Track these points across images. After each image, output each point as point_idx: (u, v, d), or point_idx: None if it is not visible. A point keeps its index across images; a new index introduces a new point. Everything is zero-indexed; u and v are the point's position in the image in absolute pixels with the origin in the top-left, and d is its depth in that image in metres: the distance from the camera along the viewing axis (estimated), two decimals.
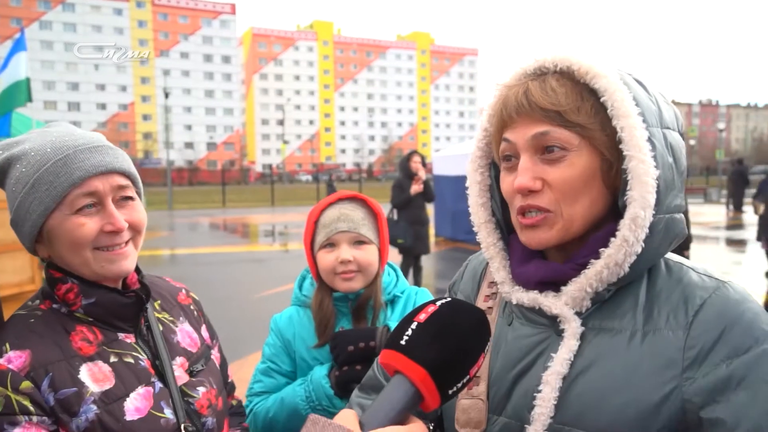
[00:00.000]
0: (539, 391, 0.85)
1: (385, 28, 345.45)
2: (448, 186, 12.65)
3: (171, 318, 1.27)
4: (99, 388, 1.04)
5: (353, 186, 45.48)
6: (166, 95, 34.38)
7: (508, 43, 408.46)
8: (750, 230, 13.65)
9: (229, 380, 1.42)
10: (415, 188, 7.14)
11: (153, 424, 1.08)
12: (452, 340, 0.71)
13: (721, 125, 44.09)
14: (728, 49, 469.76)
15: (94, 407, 1.02)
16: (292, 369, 1.64)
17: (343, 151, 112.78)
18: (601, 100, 0.83)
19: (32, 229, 1.07)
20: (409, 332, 0.72)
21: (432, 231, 12.88)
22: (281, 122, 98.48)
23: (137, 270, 1.21)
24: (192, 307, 1.36)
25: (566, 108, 0.83)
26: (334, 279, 1.59)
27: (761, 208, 8.26)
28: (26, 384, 0.99)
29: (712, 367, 0.78)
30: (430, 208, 7.75)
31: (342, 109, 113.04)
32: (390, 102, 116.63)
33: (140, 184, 1.17)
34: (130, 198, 1.13)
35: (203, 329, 1.35)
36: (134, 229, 1.13)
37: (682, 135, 0.92)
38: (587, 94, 0.85)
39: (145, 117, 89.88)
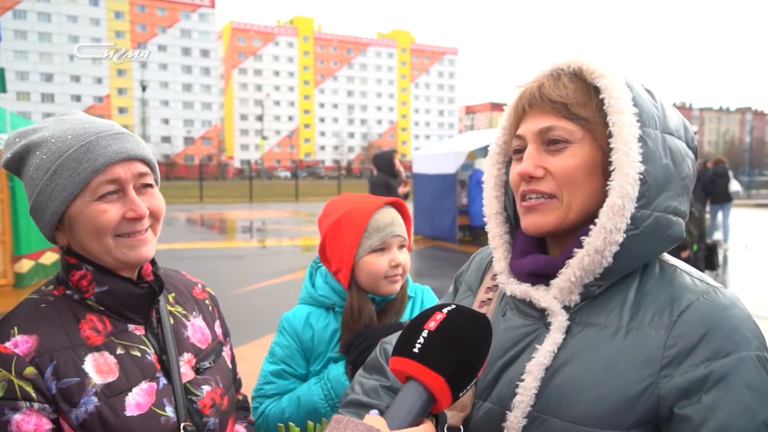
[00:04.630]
0: (522, 380, 0.89)
1: (365, 26, 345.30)
2: (427, 184, 12.72)
3: (184, 312, 1.24)
4: (102, 380, 1.02)
5: (333, 183, 45.38)
6: (144, 88, 33.90)
7: (488, 42, 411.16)
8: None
9: (237, 377, 1.40)
10: (403, 190, 7.27)
11: (152, 422, 1.05)
12: (464, 347, 0.75)
13: (695, 128, 45.00)
14: (702, 53, 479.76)
15: (94, 399, 1.00)
16: (305, 372, 1.62)
17: (323, 147, 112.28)
18: (600, 96, 0.88)
19: (53, 216, 1.05)
20: (421, 340, 0.75)
21: (411, 229, 12.92)
22: (260, 118, 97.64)
23: (152, 262, 1.19)
24: (207, 302, 1.33)
25: (573, 101, 0.89)
26: (382, 283, 1.58)
27: None
28: (30, 370, 0.97)
29: (691, 368, 0.80)
30: (409, 206, 7.83)
31: (322, 105, 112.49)
32: (370, 99, 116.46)
33: (158, 172, 1.17)
34: (150, 185, 1.12)
35: (217, 325, 1.32)
36: (154, 216, 1.12)
37: (693, 149, 0.95)
38: (595, 94, 0.90)
39: (122, 110, 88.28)
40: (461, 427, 0.95)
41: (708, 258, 6.86)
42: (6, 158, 1.09)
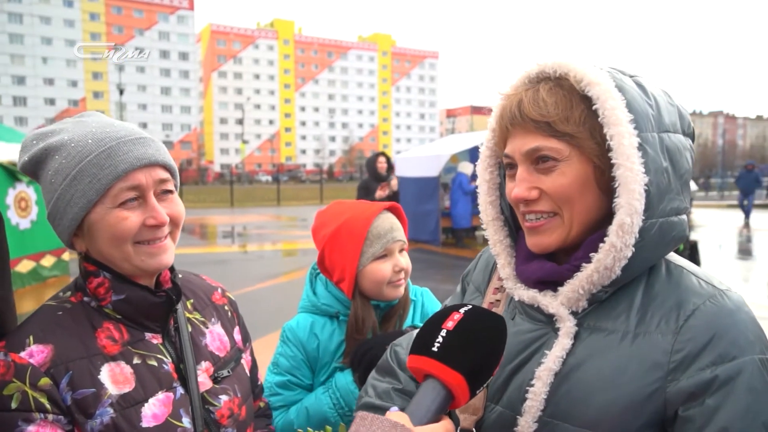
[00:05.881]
0: (532, 386, 0.89)
1: (346, 29, 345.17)
2: (409, 187, 12.72)
3: (202, 318, 1.23)
4: (118, 391, 1.00)
5: (314, 187, 45.24)
6: (121, 92, 33.43)
7: (468, 46, 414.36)
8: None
9: (259, 383, 1.38)
10: (380, 194, 7.28)
11: None
12: (482, 346, 0.77)
13: None
14: (674, 58, 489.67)
15: (110, 410, 0.99)
16: (311, 382, 1.62)
17: (304, 151, 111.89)
18: (593, 107, 0.85)
19: (72, 223, 1.03)
20: (440, 339, 0.76)
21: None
22: (240, 121, 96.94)
23: (171, 268, 1.17)
24: (227, 307, 1.31)
25: (555, 118, 0.87)
26: (385, 288, 1.59)
27: None
28: (45, 381, 0.95)
29: (697, 372, 0.81)
30: None
31: (303, 109, 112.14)
32: (351, 103, 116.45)
33: (178, 177, 1.14)
34: (170, 191, 1.10)
35: (236, 331, 1.30)
36: (173, 223, 1.10)
37: (690, 135, 0.93)
38: (578, 101, 0.87)
39: None
40: (473, 430, 0.96)
41: (691, 257, 7.03)
42: (23, 161, 1.06)
